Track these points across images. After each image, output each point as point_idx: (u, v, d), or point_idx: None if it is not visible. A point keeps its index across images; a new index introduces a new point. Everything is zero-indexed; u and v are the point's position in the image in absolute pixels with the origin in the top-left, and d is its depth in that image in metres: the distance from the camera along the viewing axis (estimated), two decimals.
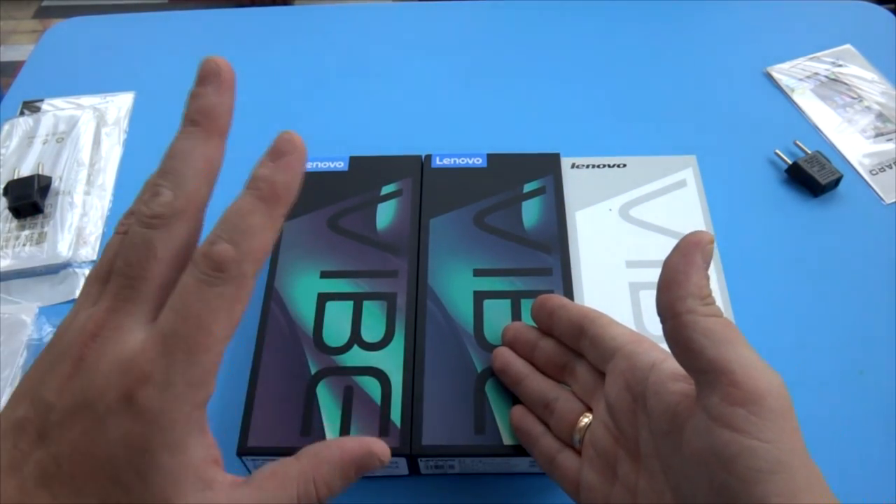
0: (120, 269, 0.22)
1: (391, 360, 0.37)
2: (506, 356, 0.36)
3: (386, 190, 0.44)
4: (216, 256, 0.21)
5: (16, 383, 0.40)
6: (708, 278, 0.28)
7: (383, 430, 0.35)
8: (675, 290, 0.27)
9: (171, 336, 0.21)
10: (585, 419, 0.32)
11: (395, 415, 0.35)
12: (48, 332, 0.43)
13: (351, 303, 0.39)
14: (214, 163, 0.24)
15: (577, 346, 0.33)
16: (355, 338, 0.38)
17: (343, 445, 0.26)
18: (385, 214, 0.43)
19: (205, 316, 0.21)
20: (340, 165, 0.46)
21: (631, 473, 0.29)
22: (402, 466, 0.35)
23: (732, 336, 0.26)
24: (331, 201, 0.44)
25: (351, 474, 0.26)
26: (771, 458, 0.23)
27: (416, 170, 0.45)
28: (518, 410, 0.35)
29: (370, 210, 0.43)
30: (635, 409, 0.29)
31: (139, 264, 0.22)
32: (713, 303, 0.27)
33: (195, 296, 0.21)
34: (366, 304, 0.39)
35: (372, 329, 0.38)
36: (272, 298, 0.39)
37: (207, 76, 0.25)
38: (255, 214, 0.22)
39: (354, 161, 0.46)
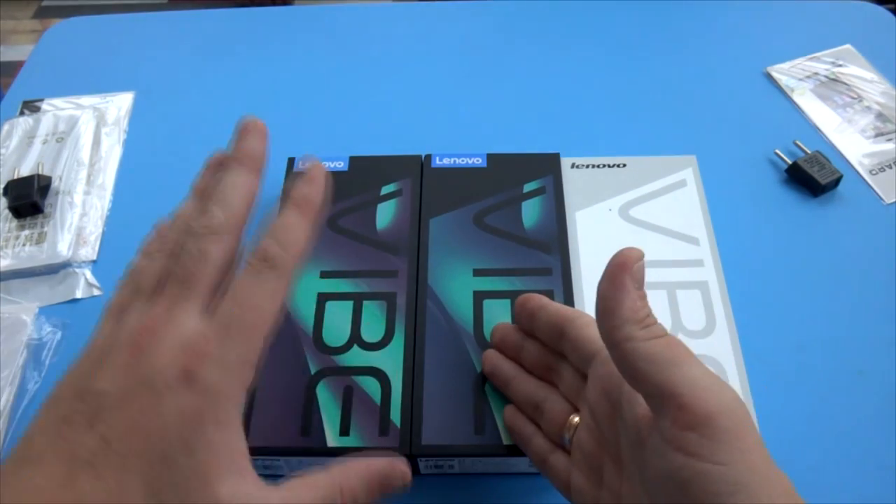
0: (177, 274, 0.26)
1: (391, 360, 0.37)
2: (493, 359, 0.36)
3: (385, 190, 0.44)
4: (264, 252, 0.26)
5: (16, 383, 0.41)
6: (643, 297, 0.27)
7: (383, 429, 0.35)
8: (609, 319, 0.27)
9: (228, 320, 0.25)
10: (574, 419, 0.31)
11: (395, 415, 0.35)
12: (48, 331, 0.43)
13: (351, 302, 0.39)
14: (254, 193, 0.28)
15: (559, 348, 0.33)
16: (355, 338, 0.38)
17: (370, 460, 0.28)
18: (385, 214, 0.43)
19: (257, 301, 0.25)
20: (340, 165, 0.46)
21: (615, 479, 0.29)
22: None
23: (677, 356, 0.25)
24: (331, 201, 0.44)
25: (375, 488, 0.28)
26: (728, 480, 0.23)
27: (415, 170, 0.45)
28: (510, 410, 0.35)
29: (370, 210, 0.43)
30: (614, 416, 0.29)
31: (195, 269, 0.26)
32: (653, 323, 0.26)
33: (248, 286, 0.26)
34: (365, 303, 0.39)
35: (372, 329, 0.38)
36: None
37: (249, 128, 0.30)
38: (292, 219, 0.28)
39: (354, 161, 0.46)
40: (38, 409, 0.25)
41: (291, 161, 0.46)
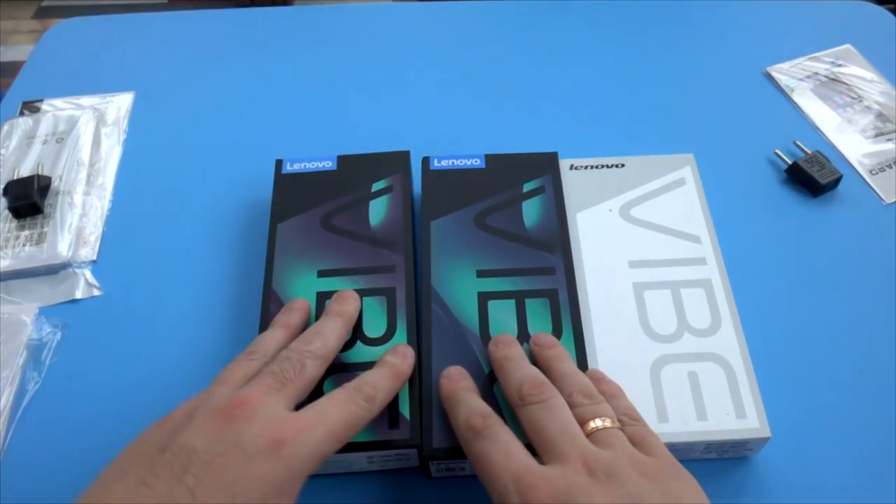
0: (275, 371, 0.32)
1: None
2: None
3: (376, 187, 0.44)
4: (368, 392, 0.32)
5: (16, 383, 0.41)
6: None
7: (393, 422, 0.35)
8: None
9: (310, 420, 0.30)
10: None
11: (404, 408, 0.35)
12: (48, 332, 0.43)
13: None
14: (344, 339, 0.37)
15: None
16: (358, 334, 0.38)
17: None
18: (377, 211, 0.43)
19: (338, 417, 0.31)
20: (329, 165, 0.46)
21: None
22: (414, 458, 0.35)
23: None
24: (322, 200, 0.44)
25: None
26: None
27: (404, 165, 0.46)
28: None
29: (362, 207, 0.43)
30: None
31: (293, 374, 0.32)
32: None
33: (344, 407, 0.31)
34: (365, 300, 0.39)
35: (374, 324, 0.38)
36: (270, 301, 0.39)
37: (346, 296, 0.39)
38: (389, 380, 0.34)
39: (342, 160, 0.46)
40: (111, 463, 0.28)
41: (279, 162, 0.46)
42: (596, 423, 0.31)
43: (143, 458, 0.27)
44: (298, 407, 0.31)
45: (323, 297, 0.39)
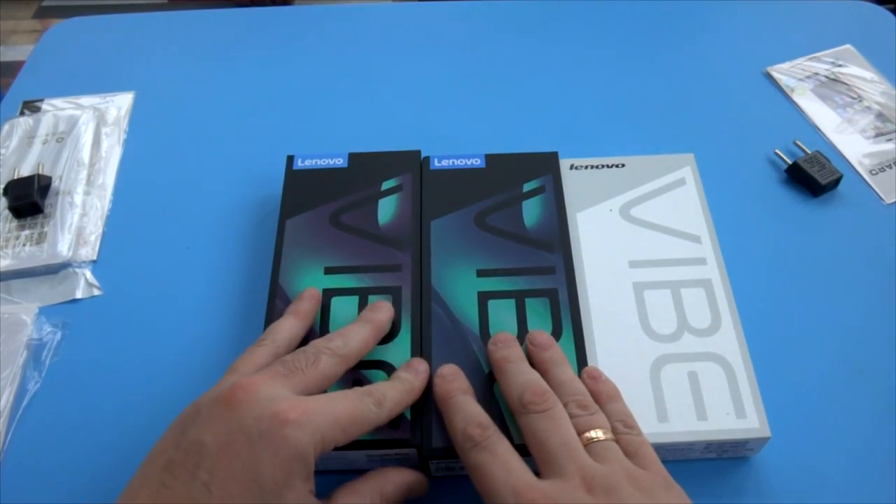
0: (286, 360, 0.32)
1: (398, 353, 0.37)
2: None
3: (386, 185, 0.44)
4: (377, 397, 0.32)
5: (16, 383, 0.41)
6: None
7: (393, 422, 0.35)
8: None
9: (316, 405, 0.29)
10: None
11: None
12: (48, 331, 0.43)
13: (356, 298, 0.39)
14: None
15: None
16: None
17: (403, 470, 0.34)
18: (386, 210, 0.43)
19: (343, 409, 0.30)
20: (340, 162, 0.46)
21: None
22: (413, 457, 0.35)
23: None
24: (332, 197, 0.44)
25: (404, 494, 0.33)
26: None
27: (415, 165, 0.46)
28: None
29: (371, 206, 0.43)
30: None
31: (305, 364, 0.32)
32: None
33: (351, 402, 0.31)
34: (371, 298, 0.39)
35: None
36: (277, 296, 0.39)
37: (381, 306, 0.38)
38: (399, 392, 0.34)
39: (354, 157, 0.46)
40: (142, 461, 0.28)
41: (291, 158, 0.46)
42: (590, 435, 0.32)
43: (162, 459, 0.28)
44: None
45: (329, 295, 0.39)
